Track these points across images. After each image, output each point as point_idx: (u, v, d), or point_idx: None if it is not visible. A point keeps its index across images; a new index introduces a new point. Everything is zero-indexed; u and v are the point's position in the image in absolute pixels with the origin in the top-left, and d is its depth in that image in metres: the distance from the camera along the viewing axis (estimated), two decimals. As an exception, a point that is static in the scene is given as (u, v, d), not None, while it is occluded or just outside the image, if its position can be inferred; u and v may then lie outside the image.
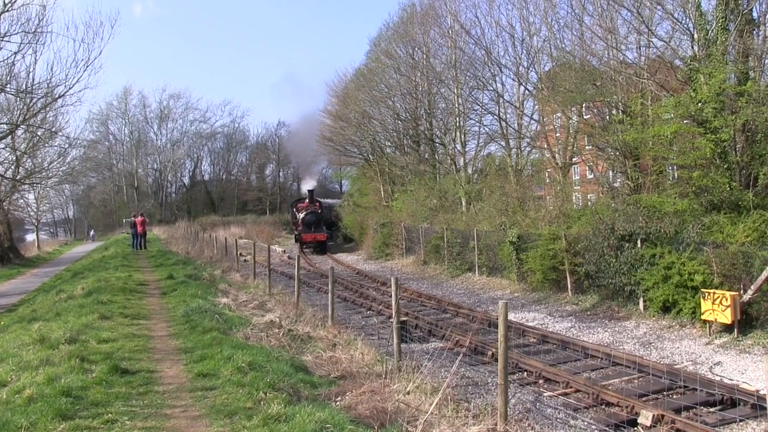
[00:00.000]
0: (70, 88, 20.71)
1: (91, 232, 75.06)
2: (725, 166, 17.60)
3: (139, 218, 37.94)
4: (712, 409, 9.41)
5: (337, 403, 7.75)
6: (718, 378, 10.89)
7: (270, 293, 18.19)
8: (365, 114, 46.38)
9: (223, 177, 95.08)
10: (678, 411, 9.13)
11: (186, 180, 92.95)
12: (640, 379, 11.08)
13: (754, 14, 19.08)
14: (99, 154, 77.52)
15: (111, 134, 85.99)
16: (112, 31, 32.03)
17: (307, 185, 61.92)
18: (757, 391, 9.56)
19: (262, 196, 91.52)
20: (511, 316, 16.21)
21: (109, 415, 6.87)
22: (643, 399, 9.74)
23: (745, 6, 18.81)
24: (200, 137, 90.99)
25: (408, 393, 8.37)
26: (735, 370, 11.55)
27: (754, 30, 18.99)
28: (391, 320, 11.36)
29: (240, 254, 31.20)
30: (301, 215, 48.56)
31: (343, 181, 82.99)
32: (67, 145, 32.40)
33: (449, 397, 8.20)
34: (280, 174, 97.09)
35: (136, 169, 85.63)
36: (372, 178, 50.63)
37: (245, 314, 14.10)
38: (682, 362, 12.25)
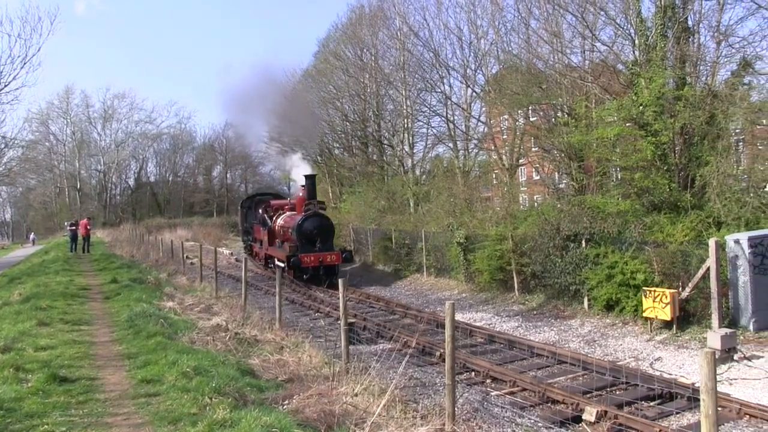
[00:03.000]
0: (5, 86, 20.13)
1: (32, 236, 72.63)
2: (665, 168, 18.12)
3: (84, 221, 37.06)
4: (652, 403, 9.67)
5: (285, 406, 7.69)
6: (658, 373, 11.19)
7: (217, 296, 17.96)
8: (313, 115, 46.13)
9: (170, 179, 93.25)
10: (620, 406, 9.35)
11: (131, 182, 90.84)
12: (585, 376, 11.30)
13: (690, 23, 19.72)
14: (39, 155, 74.86)
15: (52, 134, 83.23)
16: (51, 27, 30.87)
17: (300, 169, 31.39)
18: (693, 384, 9.86)
19: (209, 198, 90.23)
20: (459, 317, 16.38)
21: (45, 426, 6.64)
22: (588, 396, 9.93)
23: (681, 15, 19.43)
24: (146, 138, 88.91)
25: (356, 395, 8.35)
26: (674, 365, 11.89)
27: (689, 37, 19.61)
28: (339, 322, 11.37)
29: (186, 257, 30.70)
30: (282, 221, 28.27)
31: (291, 183, 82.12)
32: (2, 146, 31.34)
33: (397, 398, 8.22)
34: (228, 175, 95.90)
35: (79, 170, 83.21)
36: (320, 179, 50.23)
37: (191, 318, 13.91)
38: (625, 359, 12.55)
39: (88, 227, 38.04)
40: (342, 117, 45.21)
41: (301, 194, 27.27)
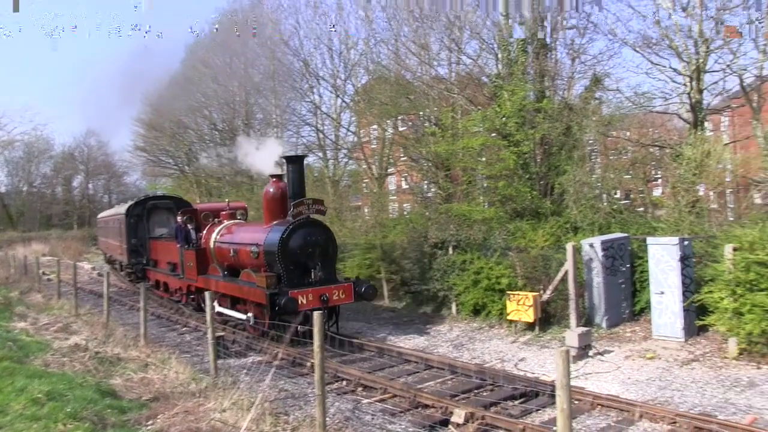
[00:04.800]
0: None
1: None
2: (527, 177, 18.92)
3: None
4: (516, 402, 9.96)
5: (148, 427, 7.28)
6: (522, 373, 11.57)
7: (76, 314, 16.86)
8: (181, 123, 44.64)
9: (24, 189, 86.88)
10: (487, 407, 9.57)
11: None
12: (453, 380, 11.48)
13: (548, 40, 20.80)
14: None
15: None
16: None
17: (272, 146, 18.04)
18: (553, 381, 10.26)
19: (68, 210, 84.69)
20: (330, 325, 16.20)
21: None
22: (456, 399, 10.08)
23: (540, 30, 20.47)
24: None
25: (224, 410, 8.08)
26: (536, 364, 12.35)
27: (548, 53, 20.67)
28: (208, 336, 10.98)
29: (43, 273, 28.53)
30: (226, 236, 18.04)
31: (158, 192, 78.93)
32: None
33: (267, 411, 8.04)
34: (90, 186, 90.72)
35: None
36: (188, 189, 48.64)
37: (46, 338, 12.94)
38: (492, 361, 12.89)
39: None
40: (211, 126, 44.02)
41: (274, 189, 16.48)
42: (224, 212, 19.76)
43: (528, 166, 19.01)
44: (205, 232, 19.15)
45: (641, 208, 18.94)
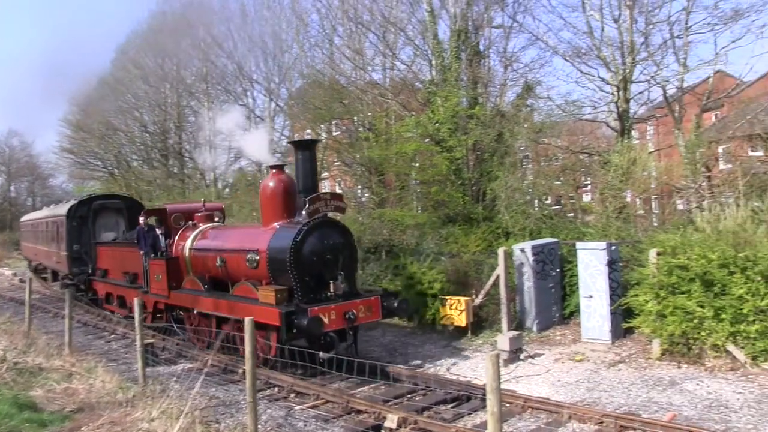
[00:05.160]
0: None
1: None
2: (459, 182, 19.09)
3: None
4: (449, 406, 9.95)
5: (72, 439, 6.93)
6: (454, 377, 11.58)
7: (-7, 323, 16.02)
8: (110, 125, 43.34)
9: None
10: (420, 411, 9.52)
11: None
12: (387, 385, 11.39)
13: (481, 47, 21.11)
14: None
15: None
16: None
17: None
18: (485, 385, 10.31)
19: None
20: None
21: None
22: (389, 404, 9.99)
23: (473, 39, 20.75)
24: None
25: (152, 420, 7.80)
26: (468, 368, 12.38)
27: (481, 61, 20.97)
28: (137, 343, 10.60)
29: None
30: (209, 241, 14.72)
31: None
32: None
33: (197, 420, 7.81)
34: (12, 188, 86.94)
35: None
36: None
37: (-42, 352, 12.21)
38: (425, 365, 12.87)
39: None
40: (141, 128, 42.92)
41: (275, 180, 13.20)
42: (199, 213, 16.07)
43: (460, 172, 19.19)
44: (177, 237, 15.78)
45: (571, 214, 19.36)
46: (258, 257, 12.52)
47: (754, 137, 17.20)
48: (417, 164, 20.87)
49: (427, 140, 20.11)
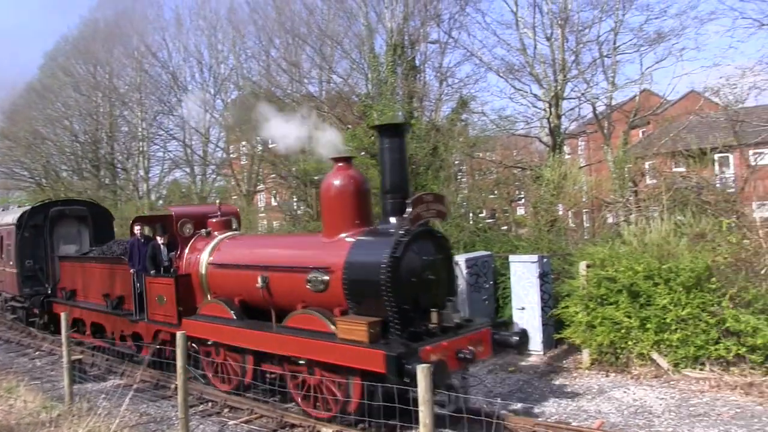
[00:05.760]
0: None
1: None
2: (395, 196, 19.14)
3: None
4: (383, 419, 9.89)
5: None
6: (389, 390, 11.52)
7: None
8: (38, 134, 41.80)
9: None
10: (353, 424, 9.42)
11: None
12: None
13: (417, 62, 21.36)
14: None
15: None
16: None
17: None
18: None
19: None
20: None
21: None
22: (323, 417, 9.88)
23: (409, 54, 20.96)
24: None
25: (79, 439, 7.51)
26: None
27: (417, 75, 21.19)
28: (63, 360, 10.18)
29: None
30: (239, 251, 11.56)
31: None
32: None
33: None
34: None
35: None
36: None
37: None
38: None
39: None
40: (71, 137, 41.56)
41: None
42: (214, 219, 12.77)
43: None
44: (187, 249, 12.53)
45: (505, 227, 19.66)
46: (327, 277, 9.39)
47: (676, 154, 17.87)
48: (353, 177, 20.86)
49: (363, 153, 20.13)
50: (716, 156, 17.52)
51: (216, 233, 12.49)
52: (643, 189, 17.88)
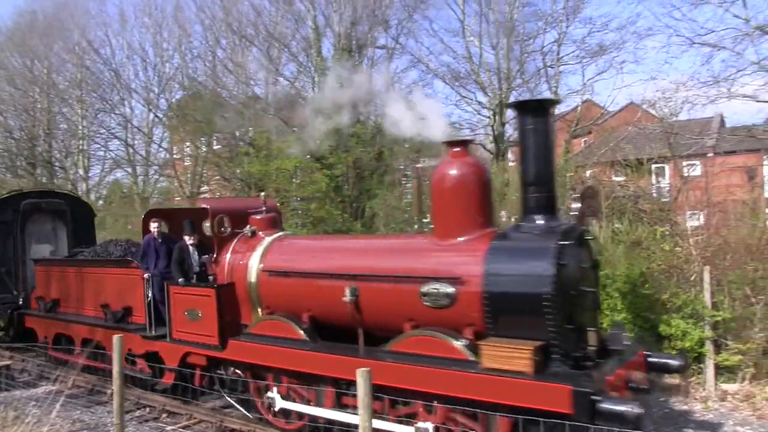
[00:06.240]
0: None
1: None
2: (339, 199, 19.12)
3: None
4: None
5: None
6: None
7: None
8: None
9: None
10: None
11: None
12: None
13: (364, 66, 21.39)
14: None
15: None
16: None
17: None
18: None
19: None
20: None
21: None
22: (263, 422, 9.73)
23: (357, 58, 20.98)
24: None
25: (4, 450, 7.21)
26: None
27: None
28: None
29: None
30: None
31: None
32: None
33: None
34: None
35: None
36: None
37: None
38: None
39: None
40: (6, 133, 40.20)
41: None
42: (258, 216, 10.17)
43: (340, 189, 19.24)
44: (230, 252, 10.03)
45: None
46: (452, 289, 7.29)
47: (616, 163, 18.29)
48: (297, 180, 20.72)
49: (308, 156, 20.03)
50: (653, 166, 17.99)
51: (262, 233, 10.04)
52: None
